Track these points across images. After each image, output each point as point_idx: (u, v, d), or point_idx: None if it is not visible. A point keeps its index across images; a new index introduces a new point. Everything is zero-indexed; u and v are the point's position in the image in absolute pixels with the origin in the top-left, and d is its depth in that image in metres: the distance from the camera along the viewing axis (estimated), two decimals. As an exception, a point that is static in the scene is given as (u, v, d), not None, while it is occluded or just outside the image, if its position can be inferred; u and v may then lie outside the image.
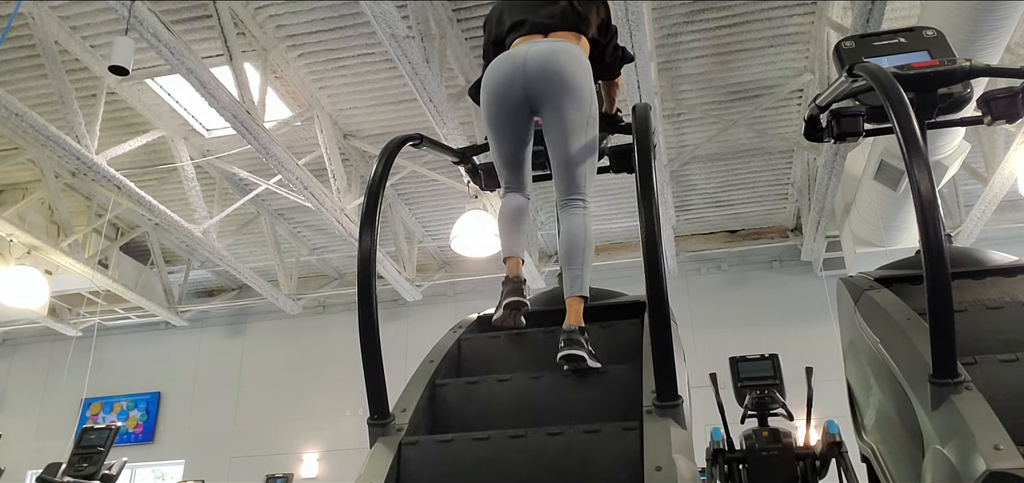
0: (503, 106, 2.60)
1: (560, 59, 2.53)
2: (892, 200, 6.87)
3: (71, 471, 5.00)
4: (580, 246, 2.44)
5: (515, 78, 2.56)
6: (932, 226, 1.71)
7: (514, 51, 2.63)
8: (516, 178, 2.74)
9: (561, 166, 2.54)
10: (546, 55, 2.55)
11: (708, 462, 3.20)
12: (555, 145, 2.54)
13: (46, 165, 7.95)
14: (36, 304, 8.76)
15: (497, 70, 2.63)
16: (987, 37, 4.58)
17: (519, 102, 2.58)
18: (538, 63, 2.53)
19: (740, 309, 9.44)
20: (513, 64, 2.58)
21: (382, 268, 8.79)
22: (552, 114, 2.53)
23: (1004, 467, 1.53)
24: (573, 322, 2.32)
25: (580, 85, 2.52)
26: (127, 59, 4.88)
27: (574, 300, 2.37)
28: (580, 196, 2.53)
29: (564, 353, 2.24)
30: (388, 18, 4.95)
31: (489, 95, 2.63)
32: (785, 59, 6.63)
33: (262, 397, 10.63)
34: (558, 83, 2.50)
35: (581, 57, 2.60)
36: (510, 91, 2.57)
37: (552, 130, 2.54)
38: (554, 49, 2.56)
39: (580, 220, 2.49)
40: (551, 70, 2.51)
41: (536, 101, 2.56)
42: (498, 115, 2.62)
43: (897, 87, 1.89)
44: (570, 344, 2.24)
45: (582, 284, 2.40)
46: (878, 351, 2.23)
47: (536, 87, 2.53)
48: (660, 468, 1.73)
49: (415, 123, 7.01)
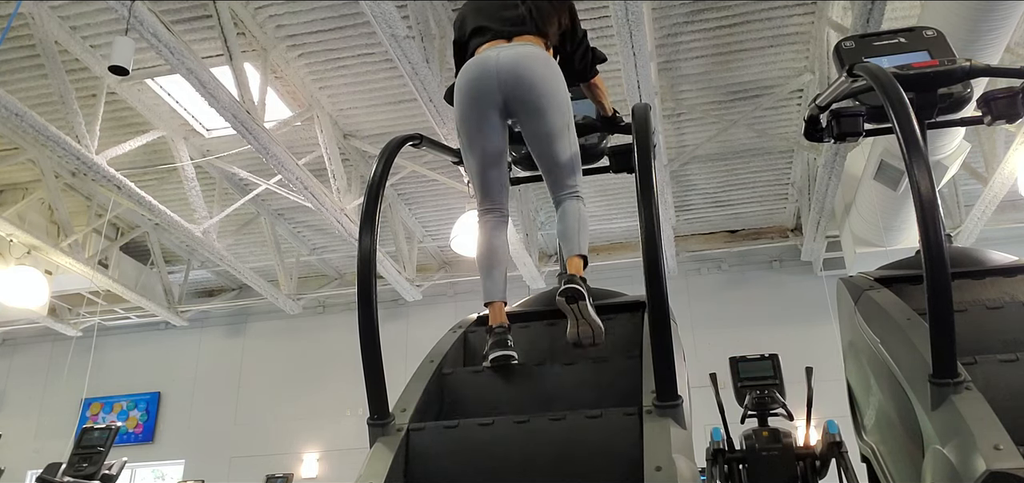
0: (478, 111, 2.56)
1: (533, 65, 2.53)
2: (892, 200, 6.87)
3: (71, 471, 4.99)
4: (575, 221, 2.55)
5: (489, 84, 2.53)
6: (932, 226, 1.71)
7: (484, 56, 2.59)
8: (492, 192, 2.64)
9: (550, 168, 2.62)
10: (517, 60, 2.53)
11: (708, 462, 3.20)
12: (541, 151, 2.60)
13: (46, 165, 7.95)
14: (36, 304, 8.76)
15: (469, 76, 2.59)
16: (987, 37, 4.58)
17: (494, 108, 2.55)
18: (511, 69, 2.52)
19: (740, 309, 9.44)
20: (485, 70, 2.55)
21: (382, 268, 8.79)
22: (533, 122, 2.55)
23: (1004, 467, 1.53)
24: (574, 272, 2.41)
25: (554, 88, 2.54)
26: (127, 59, 4.89)
27: (574, 258, 2.47)
28: (573, 189, 2.61)
29: (565, 287, 2.32)
30: (388, 18, 4.95)
31: (463, 101, 2.58)
32: (785, 59, 6.63)
33: (262, 397, 10.63)
34: (533, 90, 2.51)
35: (550, 61, 2.61)
36: (485, 96, 2.54)
37: (535, 137, 2.58)
38: (525, 54, 2.56)
39: (575, 204, 2.59)
40: (525, 77, 2.51)
41: (513, 107, 2.55)
42: (473, 121, 2.57)
43: (897, 87, 1.89)
44: (571, 281, 2.33)
45: (581, 245, 2.50)
46: (878, 351, 2.23)
47: (512, 93, 2.52)
48: (660, 468, 1.73)
49: (415, 123, 7.01)
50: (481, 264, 2.58)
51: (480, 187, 2.63)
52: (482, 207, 2.65)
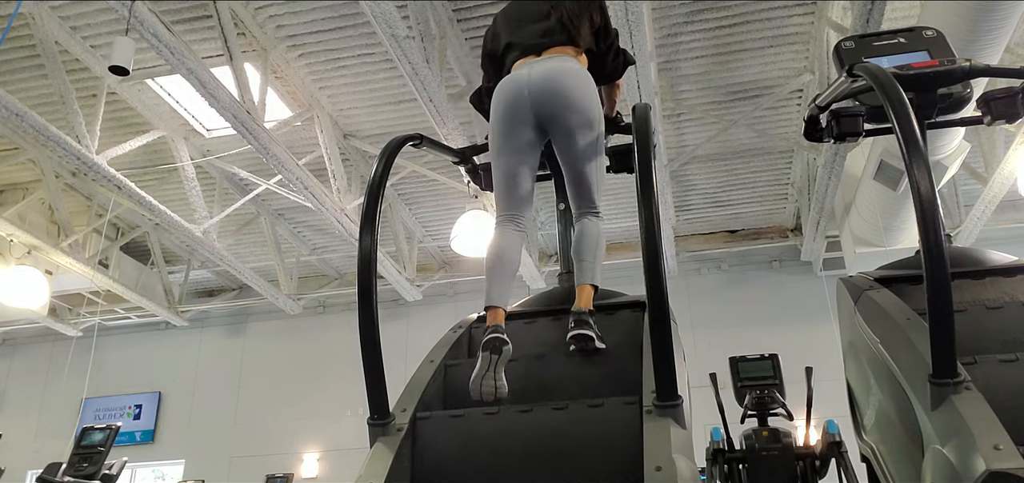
0: (510, 127, 2.57)
1: (564, 81, 2.52)
2: (892, 200, 6.88)
3: (71, 471, 4.99)
4: (593, 243, 2.56)
5: (521, 102, 2.54)
6: (932, 226, 1.71)
7: (516, 75, 2.60)
8: (516, 203, 2.61)
9: (575, 182, 2.61)
10: (548, 77, 2.53)
11: (708, 462, 3.20)
12: (569, 165, 2.60)
13: (46, 165, 7.95)
14: (36, 304, 8.77)
15: (504, 94, 2.60)
16: (987, 37, 4.58)
17: (527, 124, 2.56)
18: (542, 86, 2.52)
19: (740, 309, 9.44)
20: (518, 88, 2.56)
21: (382, 268, 8.79)
22: (564, 138, 2.55)
23: (1004, 467, 1.53)
24: (583, 305, 2.42)
25: (587, 105, 2.53)
26: (127, 59, 4.89)
27: (585, 287, 2.48)
28: (595, 208, 2.63)
29: (574, 333, 2.35)
30: (388, 18, 4.95)
31: (497, 117, 2.60)
32: (785, 59, 6.63)
33: (262, 397, 10.63)
34: (565, 106, 2.51)
35: (582, 74, 2.59)
36: (517, 113, 2.55)
37: (566, 152, 2.58)
38: (556, 69, 2.55)
39: (595, 226, 2.60)
40: (558, 93, 2.51)
41: (546, 123, 2.56)
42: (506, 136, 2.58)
43: (897, 87, 1.88)
44: (579, 325, 2.35)
45: (593, 274, 2.52)
46: (878, 351, 2.23)
47: (544, 110, 2.53)
48: (660, 468, 1.73)
49: (415, 123, 7.01)
50: (488, 267, 2.53)
51: (502, 195, 2.63)
52: (501, 214, 2.63)
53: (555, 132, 2.56)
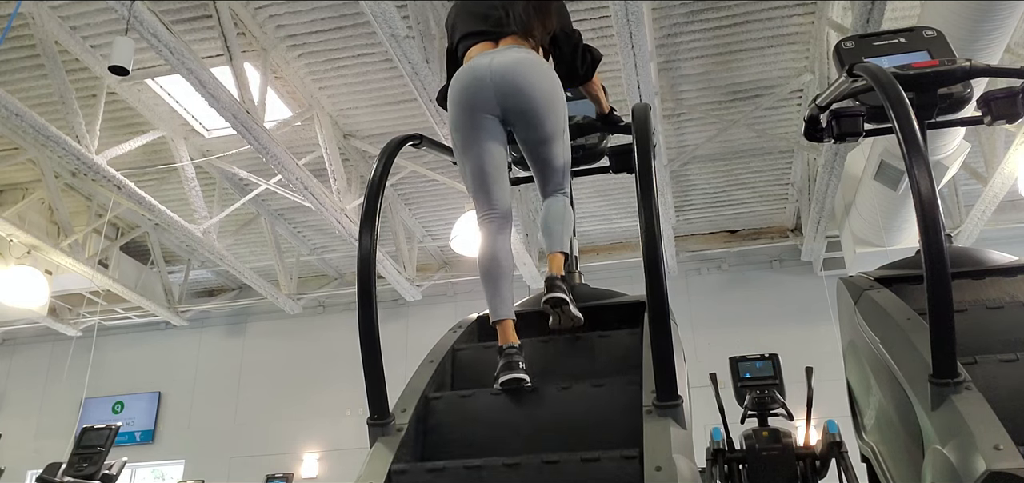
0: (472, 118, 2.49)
1: (528, 73, 2.48)
2: (892, 200, 6.87)
3: (71, 471, 5.00)
4: (559, 215, 2.63)
5: (484, 91, 2.47)
6: (932, 226, 1.71)
7: (475, 63, 2.53)
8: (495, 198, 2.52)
9: (542, 170, 2.65)
10: (513, 68, 2.47)
11: (708, 462, 3.21)
12: (535, 155, 2.62)
13: (46, 165, 7.95)
14: (36, 304, 8.77)
15: (462, 83, 2.52)
16: (987, 37, 4.57)
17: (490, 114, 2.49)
18: (507, 77, 2.45)
19: (740, 309, 9.44)
20: (478, 76, 2.48)
21: (382, 268, 8.79)
22: (528, 129, 2.53)
23: (1004, 467, 1.53)
24: (555, 271, 2.51)
25: (551, 98, 2.50)
26: (127, 59, 4.89)
27: (555, 255, 2.56)
28: (561, 189, 2.68)
29: (547, 296, 2.44)
30: (388, 18, 4.95)
31: (457, 108, 2.52)
32: (785, 59, 6.63)
33: (262, 397, 10.63)
34: (530, 99, 2.46)
35: (544, 65, 2.56)
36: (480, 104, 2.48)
37: (531, 143, 2.58)
38: (520, 60, 2.49)
39: (560, 200, 2.66)
40: (522, 86, 2.46)
41: (509, 115, 2.51)
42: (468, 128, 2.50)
43: (897, 87, 1.89)
44: (552, 288, 2.45)
45: (562, 242, 2.59)
46: (878, 351, 2.23)
47: (507, 102, 2.47)
48: (660, 468, 1.73)
49: (415, 123, 7.01)
50: (484, 275, 2.43)
51: (478, 191, 2.54)
52: (481, 212, 2.55)
53: (518, 122, 2.52)
